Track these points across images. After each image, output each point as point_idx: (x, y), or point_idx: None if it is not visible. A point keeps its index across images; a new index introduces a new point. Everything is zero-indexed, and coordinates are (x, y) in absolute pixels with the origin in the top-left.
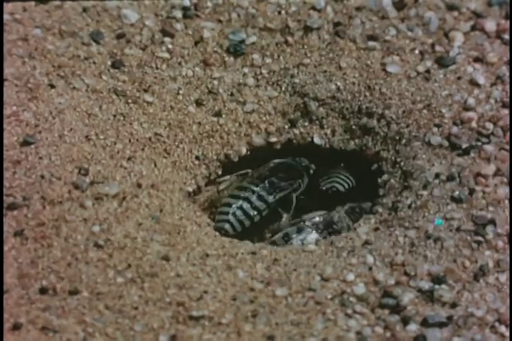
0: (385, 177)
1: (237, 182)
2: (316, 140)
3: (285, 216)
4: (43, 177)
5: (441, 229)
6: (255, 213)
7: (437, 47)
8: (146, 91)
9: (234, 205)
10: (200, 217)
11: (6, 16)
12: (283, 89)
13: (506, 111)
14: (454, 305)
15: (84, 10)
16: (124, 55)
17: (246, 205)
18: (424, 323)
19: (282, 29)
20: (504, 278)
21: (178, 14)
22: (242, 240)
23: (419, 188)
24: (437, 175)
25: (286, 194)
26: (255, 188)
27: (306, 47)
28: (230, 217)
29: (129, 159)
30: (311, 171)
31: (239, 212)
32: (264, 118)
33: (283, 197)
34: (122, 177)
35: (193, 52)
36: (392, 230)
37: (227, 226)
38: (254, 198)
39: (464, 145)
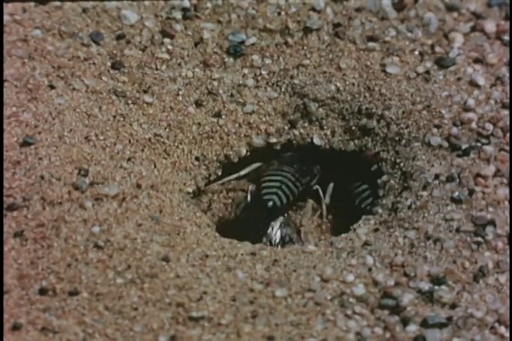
0: (385, 177)
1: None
2: (316, 141)
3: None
4: (42, 177)
5: (441, 230)
6: (296, 190)
7: (437, 48)
8: (145, 92)
9: (278, 182)
10: (200, 218)
11: (5, 17)
12: (283, 90)
13: (506, 112)
14: (453, 306)
15: (84, 11)
16: (123, 55)
17: (288, 182)
18: (424, 324)
19: (282, 30)
20: (504, 279)
21: (178, 15)
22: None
23: (418, 189)
24: (437, 176)
25: (312, 180)
26: (291, 170)
27: (305, 48)
28: (277, 191)
29: (128, 160)
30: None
31: (285, 187)
32: (264, 119)
33: (308, 184)
34: (122, 178)
35: (192, 53)
36: (392, 231)
37: (275, 197)
38: (293, 178)
39: (464, 146)
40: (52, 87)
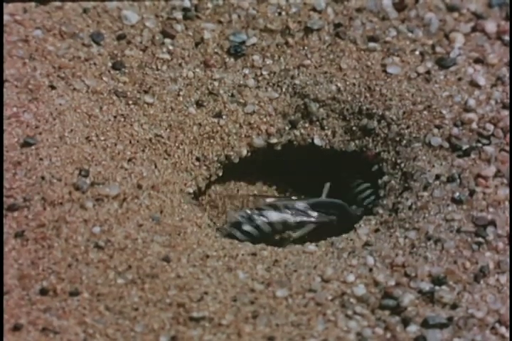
0: (386, 178)
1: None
2: (317, 141)
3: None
4: (43, 178)
5: (442, 231)
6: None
7: (438, 49)
8: (146, 92)
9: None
10: (201, 218)
11: (6, 17)
12: (283, 90)
13: (506, 113)
14: (454, 306)
15: (85, 11)
16: (124, 56)
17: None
18: (425, 324)
19: (283, 30)
20: (504, 279)
21: (179, 15)
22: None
23: (419, 189)
24: (438, 177)
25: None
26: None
27: (306, 48)
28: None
29: (129, 160)
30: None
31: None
32: (264, 120)
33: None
34: (123, 179)
35: (193, 54)
36: (393, 231)
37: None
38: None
39: (465, 147)
40: (52, 88)
